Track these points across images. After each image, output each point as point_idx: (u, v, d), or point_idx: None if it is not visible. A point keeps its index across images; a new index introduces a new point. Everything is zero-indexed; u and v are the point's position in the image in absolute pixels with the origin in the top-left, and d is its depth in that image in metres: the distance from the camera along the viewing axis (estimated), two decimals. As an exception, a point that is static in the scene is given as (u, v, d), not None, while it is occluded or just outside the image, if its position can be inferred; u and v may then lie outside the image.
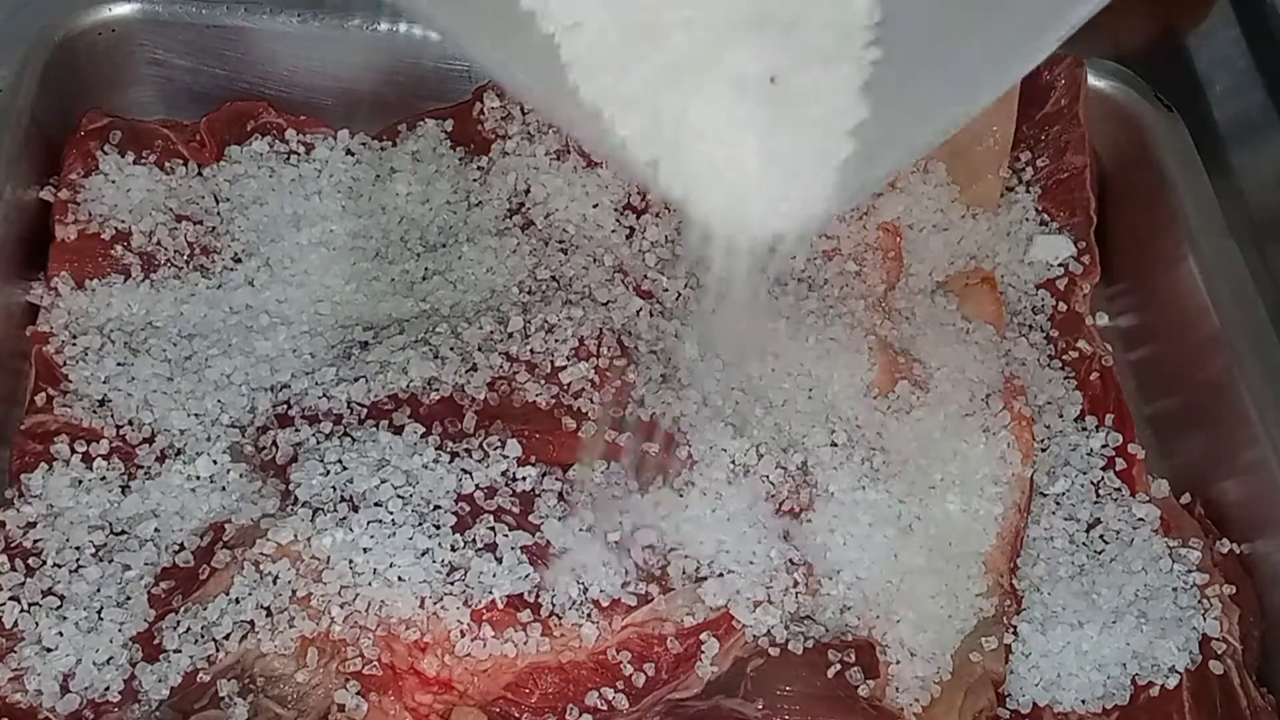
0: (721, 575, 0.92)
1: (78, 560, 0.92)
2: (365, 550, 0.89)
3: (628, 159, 0.62)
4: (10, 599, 0.89)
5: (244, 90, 1.21)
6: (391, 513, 0.91)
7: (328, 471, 0.93)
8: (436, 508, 0.92)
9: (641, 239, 1.15)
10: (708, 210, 0.63)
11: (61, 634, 0.87)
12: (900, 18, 0.56)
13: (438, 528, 0.91)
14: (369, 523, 0.90)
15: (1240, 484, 1.07)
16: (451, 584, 0.89)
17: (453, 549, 0.90)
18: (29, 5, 1.16)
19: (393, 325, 1.06)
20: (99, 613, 0.89)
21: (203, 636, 0.87)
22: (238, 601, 0.88)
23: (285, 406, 1.00)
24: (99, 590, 0.90)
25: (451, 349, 1.01)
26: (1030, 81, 1.19)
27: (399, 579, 0.88)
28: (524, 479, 0.94)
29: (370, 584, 0.88)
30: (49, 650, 0.87)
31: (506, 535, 0.91)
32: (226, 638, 0.87)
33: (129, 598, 0.90)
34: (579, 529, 0.92)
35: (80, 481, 0.96)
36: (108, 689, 0.87)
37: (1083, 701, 0.96)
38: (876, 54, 0.56)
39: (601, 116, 0.61)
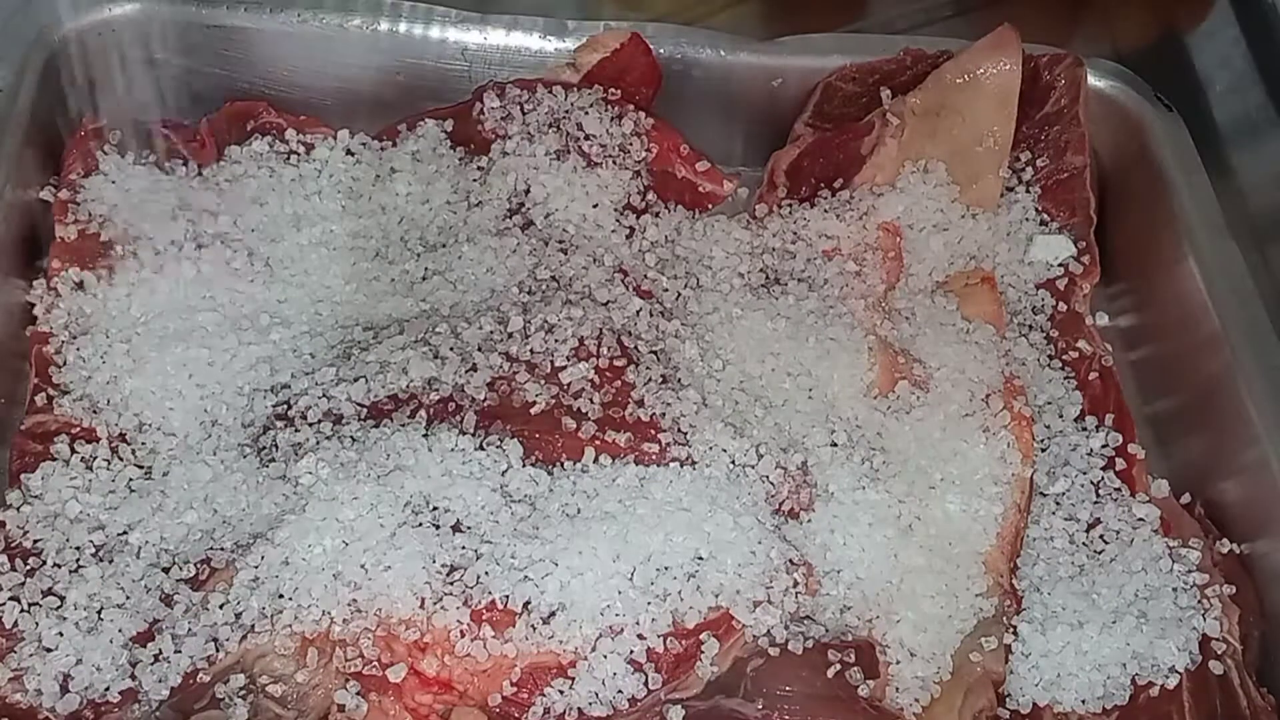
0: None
1: (78, 560, 0.92)
2: (365, 550, 0.89)
3: None
4: (10, 599, 0.89)
5: (244, 90, 1.21)
6: (391, 512, 0.91)
7: (328, 471, 0.93)
8: (436, 508, 0.92)
9: (641, 239, 1.16)
10: None
11: (61, 634, 0.88)
12: None
13: (437, 528, 0.91)
14: (367, 523, 0.90)
15: (1240, 484, 1.07)
16: (451, 584, 0.89)
17: (453, 549, 0.90)
18: (29, 5, 1.16)
19: (393, 325, 1.06)
20: (99, 613, 0.89)
21: (203, 636, 0.87)
22: (238, 601, 0.88)
23: (285, 406, 1.00)
24: (99, 590, 0.90)
25: (451, 349, 1.01)
26: (1030, 81, 1.19)
27: (399, 579, 0.88)
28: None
29: (370, 584, 0.88)
30: (49, 650, 0.87)
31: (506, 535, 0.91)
32: (227, 638, 0.87)
33: (129, 598, 0.90)
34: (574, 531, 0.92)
35: (80, 481, 0.96)
36: (108, 689, 0.87)
37: (1083, 701, 0.96)
38: None
39: None
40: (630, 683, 0.89)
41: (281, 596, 0.88)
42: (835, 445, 1.02)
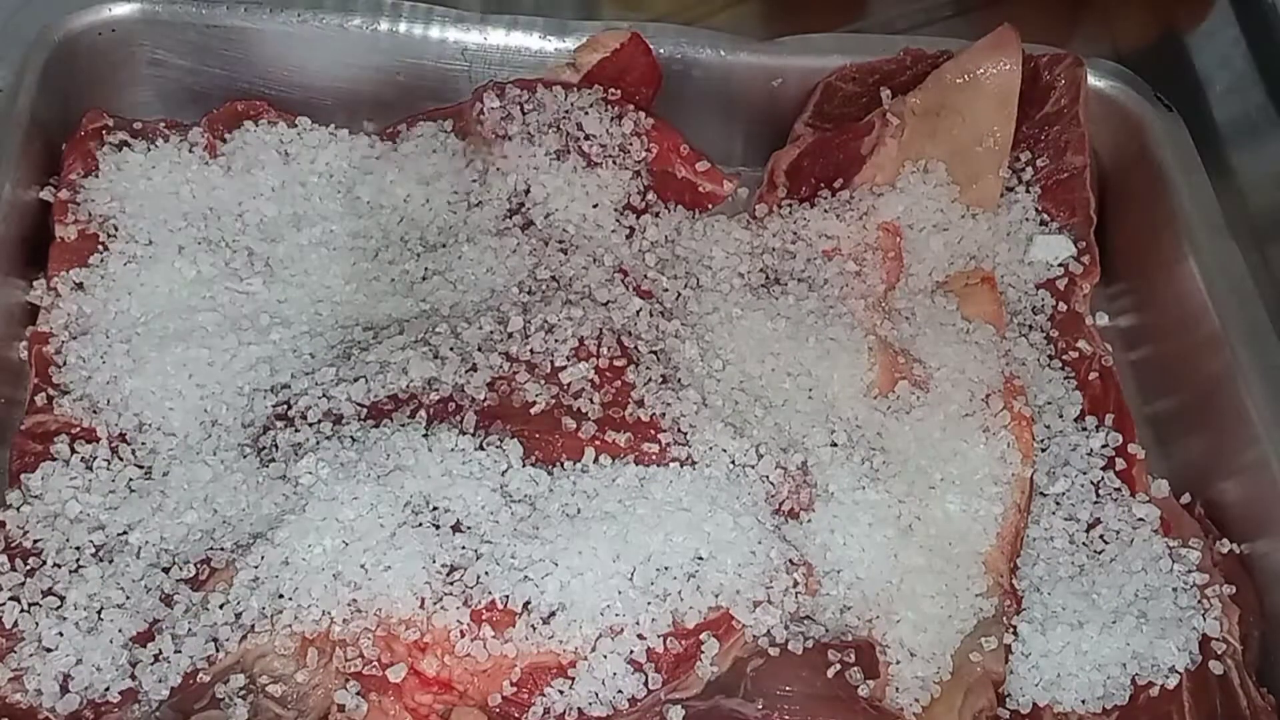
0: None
1: (78, 560, 0.92)
2: (365, 550, 0.89)
3: None
4: (10, 599, 0.89)
5: (244, 90, 1.21)
6: (391, 512, 0.91)
7: (328, 471, 0.93)
8: (436, 508, 0.92)
9: (641, 239, 1.16)
10: None
11: (61, 634, 0.88)
12: None
13: (437, 528, 0.91)
14: (367, 523, 0.90)
15: (1240, 484, 1.07)
16: (451, 584, 0.89)
17: (453, 549, 0.90)
18: (29, 5, 1.16)
19: (393, 325, 1.06)
20: (99, 613, 0.89)
21: (203, 636, 0.87)
22: (238, 601, 0.88)
23: (285, 406, 1.00)
24: (99, 590, 0.90)
25: (451, 349, 1.01)
26: (1030, 81, 1.19)
27: (399, 579, 0.88)
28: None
29: (370, 584, 0.88)
30: (49, 650, 0.87)
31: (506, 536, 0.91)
32: (227, 638, 0.87)
33: (129, 598, 0.90)
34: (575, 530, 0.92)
35: (80, 481, 0.96)
36: (108, 689, 0.87)
37: (1083, 701, 0.96)
38: None
39: None
40: (630, 683, 0.89)
41: (281, 596, 0.88)
42: (835, 445, 1.02)
